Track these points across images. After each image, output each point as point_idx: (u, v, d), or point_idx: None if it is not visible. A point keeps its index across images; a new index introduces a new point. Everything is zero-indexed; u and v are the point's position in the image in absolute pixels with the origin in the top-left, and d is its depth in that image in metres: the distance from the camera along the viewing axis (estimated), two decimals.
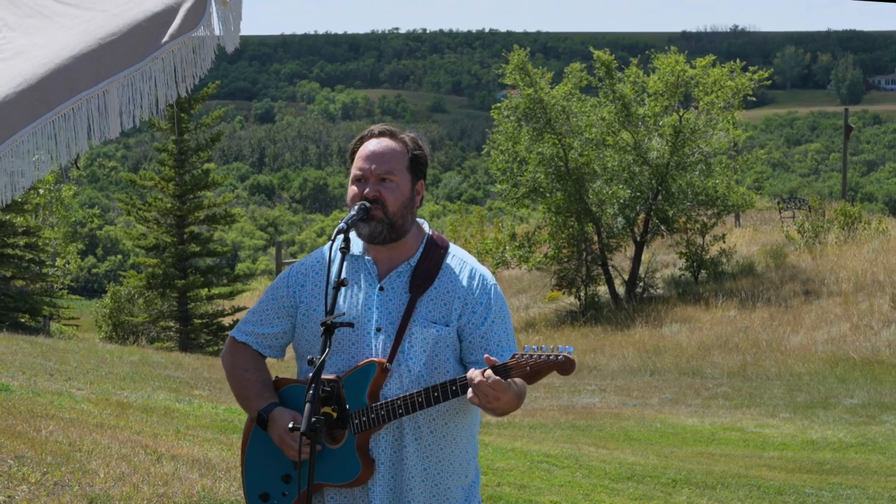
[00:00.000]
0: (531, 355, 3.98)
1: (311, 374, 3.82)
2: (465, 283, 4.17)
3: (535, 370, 3.97)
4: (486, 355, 3.98)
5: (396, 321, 4.11)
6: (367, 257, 4.19)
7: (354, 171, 4.16)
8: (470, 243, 38.47)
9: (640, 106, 32.90)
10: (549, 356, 3.96)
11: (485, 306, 4.16)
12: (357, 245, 4.20)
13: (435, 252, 4.21)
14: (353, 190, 4.14)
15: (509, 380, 3.94)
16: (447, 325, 4.12)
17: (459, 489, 4.22)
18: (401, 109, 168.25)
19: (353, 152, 4.22)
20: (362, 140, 4.22)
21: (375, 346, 4.10)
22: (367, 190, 4.09)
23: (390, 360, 4.07)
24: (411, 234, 4.20)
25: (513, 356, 4.00)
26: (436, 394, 4.02)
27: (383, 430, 4.09)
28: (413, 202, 4.17)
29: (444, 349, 4.12)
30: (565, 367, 3.96)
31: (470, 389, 3.93)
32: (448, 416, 4.16)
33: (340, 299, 4.11)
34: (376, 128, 4.22)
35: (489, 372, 3.91)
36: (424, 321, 4.11)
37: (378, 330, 4.11)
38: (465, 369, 4.12)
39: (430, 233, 4.27)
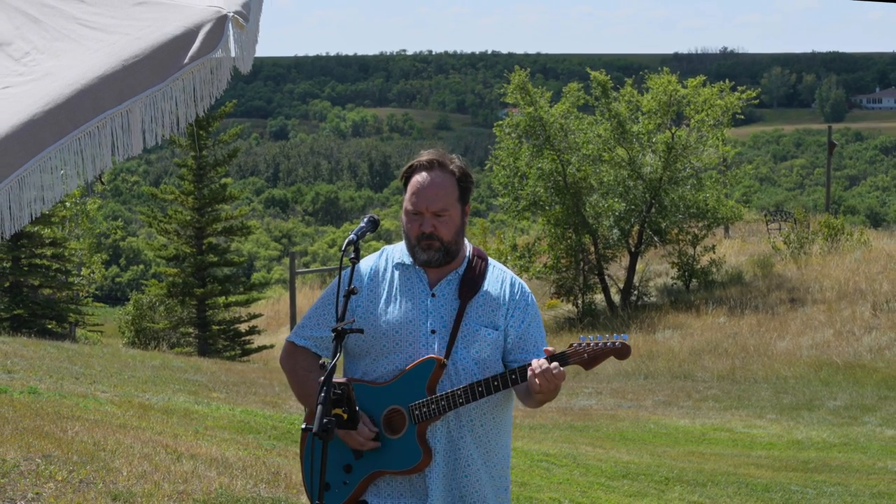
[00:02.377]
0: (588, 343, 4.16)
1: (321, 378, 3.88)
2: (507, 290, 4.37)
3: (593, 356, 4.16)
4: (545, 347, 4.20)
5: (449, 324, 4.27)
6: (417, 267, 4.34)
7: (408, 205, 4.26)
8: None
9: (634, 123, 32.89)
10: (605, 343, 4.15)
11: (523, 310, 4.36)
12: (408, 255, 4.35)
13: (478, 263, 4.39)
14: (407, 221, 4.27)
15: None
16: (496, 329, 4.30)
17: (502, 475, 4.39)
18: (408, 127, 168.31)
19: (406, 178, 4.32)
20: (412, 169, 4.31)
21: (430, 346, 4.25)
22: (423, 225, 4.23)
23: (446, 357, 4.21)
24: None
25: (570, 345, 4.19)
26: (496, 383, 4.17)
27: (439, 422, 4.21)
28: (463, 226, 4.34)
29: (494, 350, 4.30)
30: (622, 352, 4.16)
31: (535, 376, 4.07)
32: (496, 408, 4.33)
33: (395, 305, 4.28)
34: (425, 157, 4.32)
35: (555, 363, 4.09)
36: (475, 324, 4.28)
37: (433, 332, 4.26)
38: (506, 367, 4.31)
39: (472, 246, 4.43)
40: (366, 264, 4.40)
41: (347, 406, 4.02)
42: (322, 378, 3.88)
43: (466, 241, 4.42)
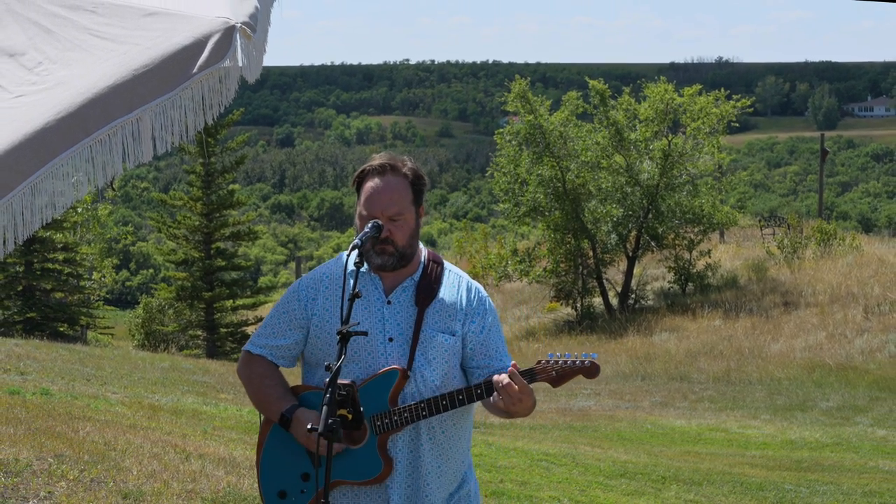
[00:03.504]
0: (556, 361, 4.03)
1: (327, 379, 3.82)
2: (464, 295, 4.20)
3: (561, 374, 4.02)
4: (512, 362, 4.02)
5: (407, 331, 4.12)
6: (372, 273, 4.18)
7: (363, 210, 4.13)
8: (475, 258, 38.41)
9: (631, 131, 32.93)
10: (574, 361, 4.02)
11: (482, 316, 4.19)
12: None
13: (434, 268, 4.23)
14: (362, 227, 4.12)
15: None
16: (453, 335, 4.15)
17: (455, 485, 4.24)
18: (411, 135, 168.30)
19: (358, 183, 4.19)
20: (364, 173, 4.18)
21: (389, 354, 4.10)
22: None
23: (408, 367, 4.08)
24: None
25: (538, 362, 4.04)
26: (460, 397, 4.04)
27: (402, 432, 4.09)
28: (418, 229, 4.18)
29: (452, 356, 4.14)
30: (591, 371, 4.02)
31: (499, 392, 3.94)
32: (457, 419, 4.18)
33: (351, 313, 4.05)
34: (376, 161, 4.19)
35: (518, 377, 3.93)
36: (433, 331, 4.12)
37: (390, 340, 4.11)
38: (465, 374, 4.18)
39: (427, 251, 4.28)
40: (321, 271, 4.29)
41: (352, 407, 3.99)
42: (328, 379, 3.84)
43: (422, 245, 4.27)
